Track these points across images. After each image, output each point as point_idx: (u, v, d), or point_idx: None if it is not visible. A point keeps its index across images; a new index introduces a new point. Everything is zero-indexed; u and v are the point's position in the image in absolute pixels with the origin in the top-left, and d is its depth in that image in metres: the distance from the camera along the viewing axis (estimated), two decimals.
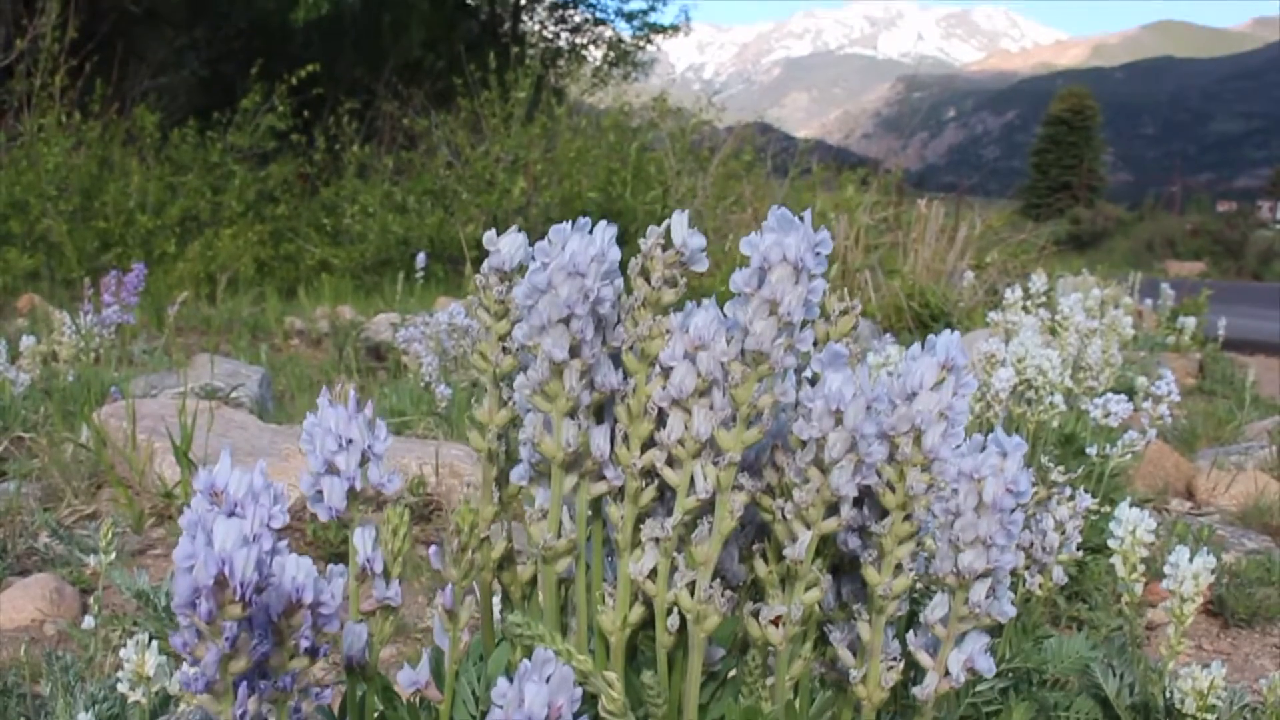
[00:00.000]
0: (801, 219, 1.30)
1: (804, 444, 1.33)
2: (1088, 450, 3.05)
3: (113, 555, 2.07)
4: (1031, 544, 1.96)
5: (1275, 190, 70.79)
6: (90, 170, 10.88)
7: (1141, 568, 1.95)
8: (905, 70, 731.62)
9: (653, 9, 19.13)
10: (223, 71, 15.93)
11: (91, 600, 2.44)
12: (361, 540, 1.39)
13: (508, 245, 1.43)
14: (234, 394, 4.58)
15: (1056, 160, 63.97)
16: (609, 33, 19.35)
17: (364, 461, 1.37)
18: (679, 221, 1.40)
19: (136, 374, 4.73)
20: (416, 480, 3.73)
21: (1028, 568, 1.96)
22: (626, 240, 6.31)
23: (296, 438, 3.01)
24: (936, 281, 7.07)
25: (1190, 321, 7.12)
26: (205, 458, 3.51)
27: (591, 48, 19.12)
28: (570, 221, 1.35)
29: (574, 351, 1.35)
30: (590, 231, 1.36)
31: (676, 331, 1.35)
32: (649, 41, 18.73)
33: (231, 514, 1.14)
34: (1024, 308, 5.29)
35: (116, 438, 3.83)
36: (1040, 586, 1.96)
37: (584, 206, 9.12)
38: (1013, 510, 1.30)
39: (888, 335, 5.92)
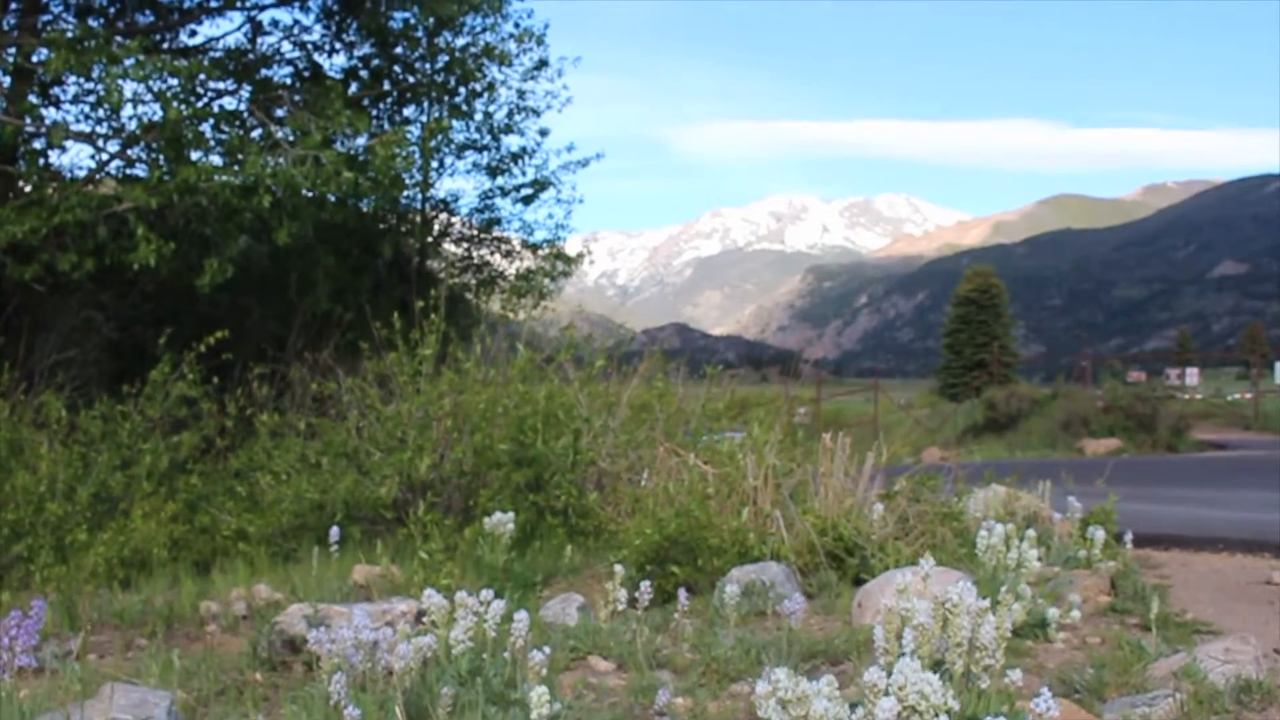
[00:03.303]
0: None
1: None
2: None
3: None
4: None
5: (1181, 355, 72.47)
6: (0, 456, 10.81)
7: None
8: (814, 261, 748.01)
9: (557, 236, 19.54)
10: (133, 333, 15.97)
11: None
12: None
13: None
14: None
15: (969, 339, 65.10)
16: (515, 264, 19.73)
17: None
18: None
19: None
20: None
21: None
22: (541, 487, 6.34)
23: None
24: (848, 514, 7.13)
25: (1099, 534, 7.20)
26: None
27: (500, 281, 19.46)
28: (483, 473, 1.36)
29: None
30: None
31: None
32: (557, 272, 19.10)
33: None
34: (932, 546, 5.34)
35: None
36: None
37: (496, 458, 9.14)
38: None
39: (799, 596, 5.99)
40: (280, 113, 13.68)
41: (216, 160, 13.38)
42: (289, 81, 15.52)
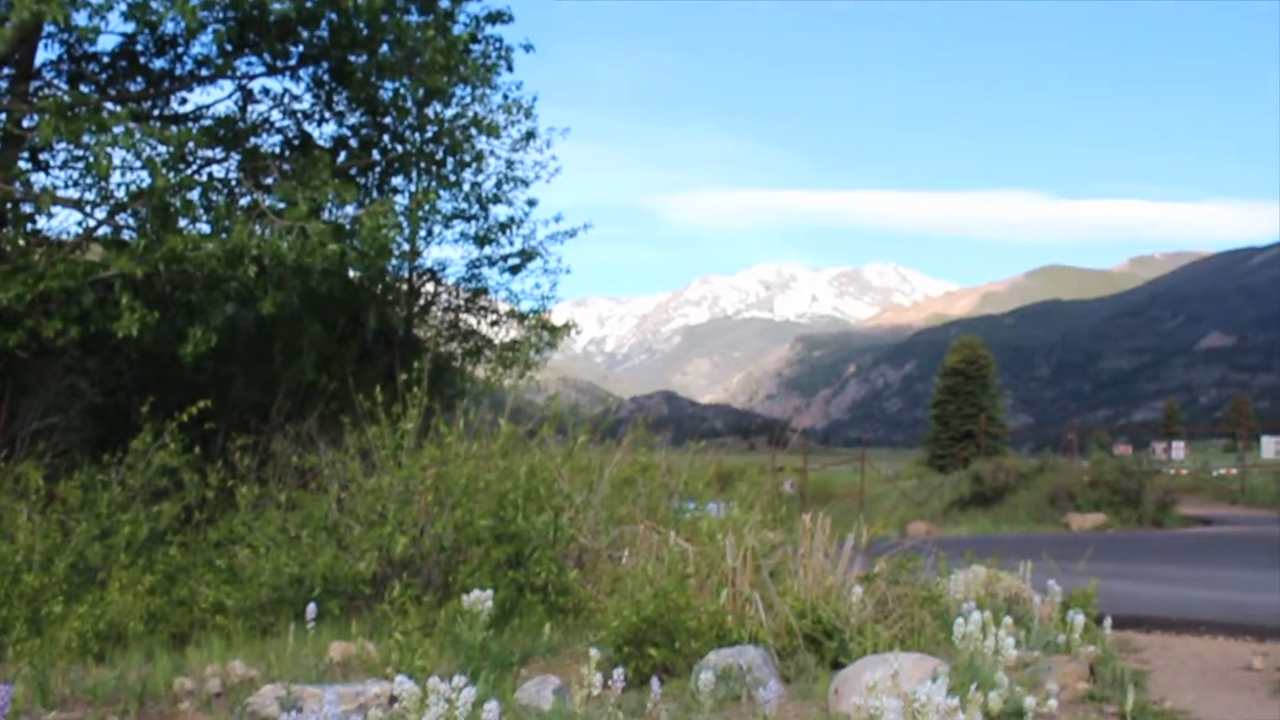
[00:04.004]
0: None
1: None
2: None
3: None
4: None
5: (1169, 428, 72.59)
6: None
7: None
8: (803, 330, 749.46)
9: (543, 306, 19.59)
10: (117, 399, 15.93)
11: None
12: None
13: None
14: None
15: (956, 410, 65.26)
16: (502, 334, 19.75)
17: None
18: None
19: None
20: None
21: None
22: (521, 563, 6.32)
23: None
24: (827, 596, 7.10)
25: (1079, 618, 7.17)
26: None
27: (486, 351, 19.46)
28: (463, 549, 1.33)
29: None
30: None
31: None
32: (543, 343, 19.13)
33: None
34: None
35: None
36: None
37: (477, 534, 9.11)
38: None
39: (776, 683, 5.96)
40: (269, 180, 13.73)
41: (204, 228, 13.40)
42: (278, 150, 15.57)
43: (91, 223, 13.90)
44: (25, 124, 13.41)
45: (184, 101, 15.46)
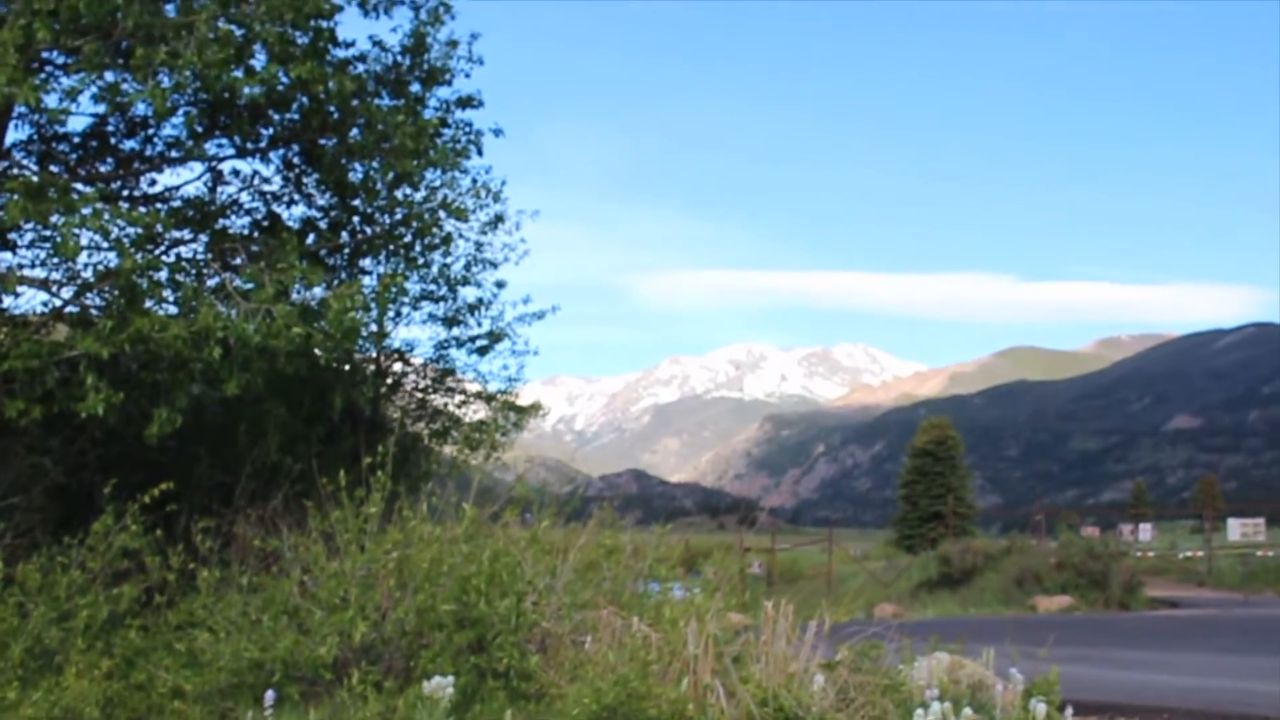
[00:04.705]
0: None
1: None
2: None
3: None
4: None
5: (1136, 510, 72.81)
6: None
7: None
8: (772, 410, 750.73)
9: (511, 387, 19.61)
10: (80, 478, 15.81)
11: None
12: None
13: None
14: None
15: (925, 491, 65.30)
16: (470, 414, 19.73)
17: None
18: None
19: None
20: None
21: None
22: (484, 648, 6.29)
23: None
24: (789, 683, 7.09)
25: (1041, 708, 7.18)
26: None
27: (454, 431, 19.43)
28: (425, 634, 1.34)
29: None
30: None
31: None
32: (510, 424, 19.12)
33: None
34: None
35: None
36: None
37: (439, 618, 9.07)
38: None
39: None
40: (237, 261, 13.74)
41: (171, 309, 13.38)
42: (247, 231, 15.60)
43: (57, 302, 13.88)
44: None
45: (153, 183, 15.49)
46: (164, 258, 14.31)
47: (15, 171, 14.18)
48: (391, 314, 17.92)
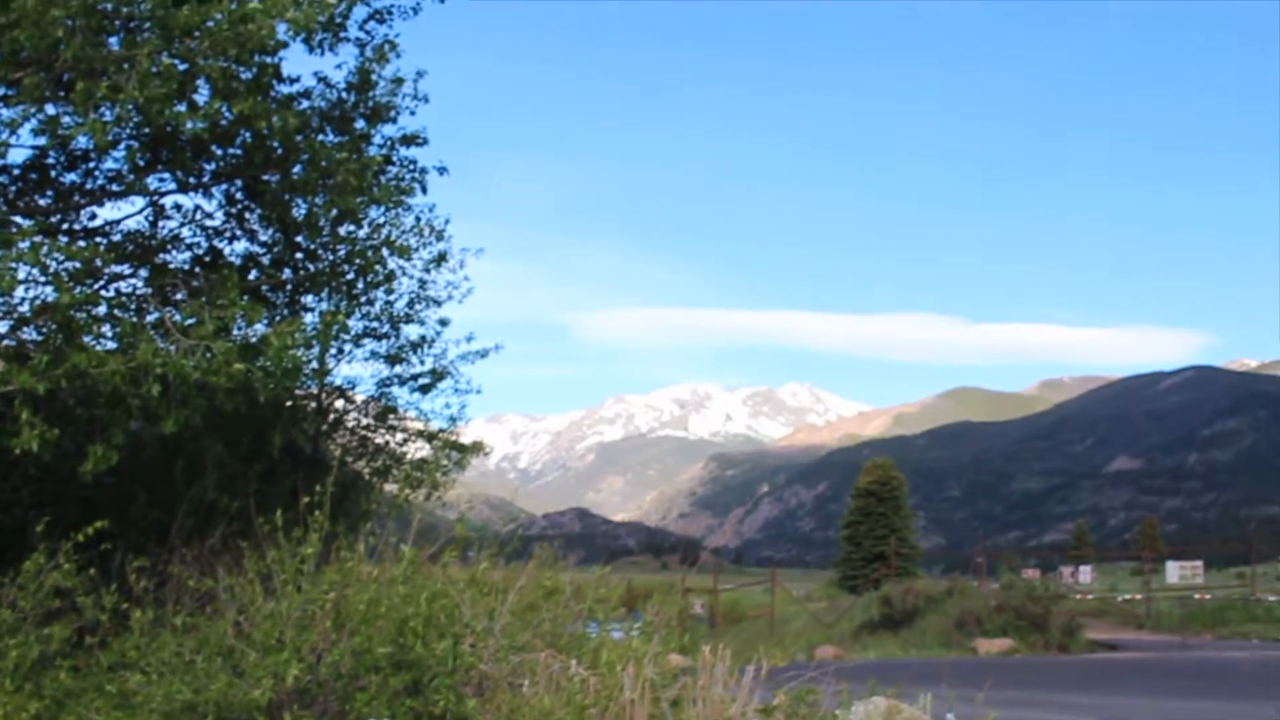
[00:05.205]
0: None
1: None
2: None
3: None
4: None
5: (1077, 552, 73.30)
6: None
7: None
8: (716, 449, 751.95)
9: (453, 425, 19.51)
10: (13, 514, 15.57)
11: None
12: None
13: None
14: None
15: (868, 531, 65.41)
16: (412, 452, 19.59)
17: None
18: None
19: None
20: None
21: None
22: (420, 691, 6.19)
23: None
24: None
25: None
26: None
27: (395, 469, 19.29)
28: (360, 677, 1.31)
29: None
30: None
31: None
32: (452, 462, 19.00)
33: None
34: None
35: None
36: None
37: (375, 661, 8.98)
38: None
39: None
40: (178, 296, 13.62)
41: (109, 344, 13.24)
42: (188, 266, 15.47)
43: None
44: None
45: (93, 216, 15.33)
46: (103, 292, 14.15)
47: None
48: (333, 351, 17.78)
